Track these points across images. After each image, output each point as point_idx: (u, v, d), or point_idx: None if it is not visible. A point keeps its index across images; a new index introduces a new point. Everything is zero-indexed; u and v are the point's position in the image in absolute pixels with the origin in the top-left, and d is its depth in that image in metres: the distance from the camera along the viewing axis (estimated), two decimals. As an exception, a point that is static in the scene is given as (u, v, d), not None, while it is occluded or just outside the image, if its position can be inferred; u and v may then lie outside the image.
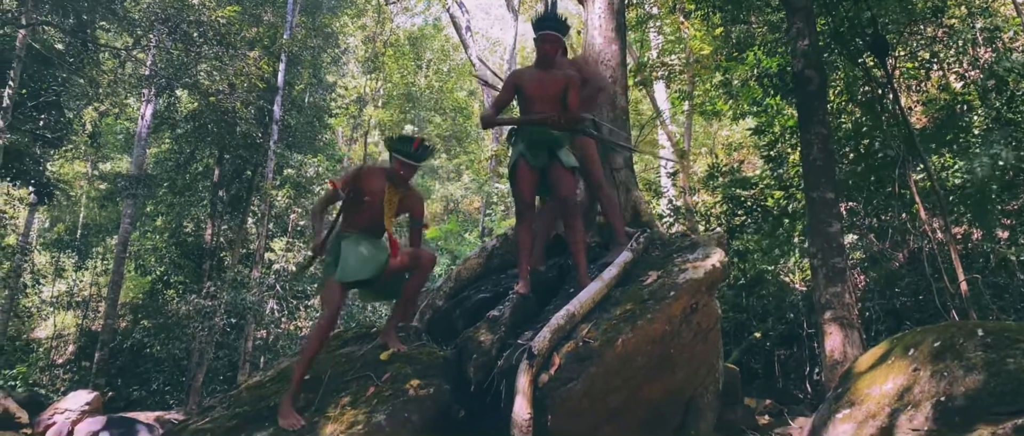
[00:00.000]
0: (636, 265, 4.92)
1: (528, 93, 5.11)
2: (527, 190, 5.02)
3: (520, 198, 5.06)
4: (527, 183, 5.01)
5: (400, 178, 4.63)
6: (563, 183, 4.90)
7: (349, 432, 3.69)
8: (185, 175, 18.27)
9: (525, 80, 5.15)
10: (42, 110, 16.64)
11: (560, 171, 4.89)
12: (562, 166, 4.89)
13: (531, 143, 5.00)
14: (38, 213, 24.20)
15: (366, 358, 4.44)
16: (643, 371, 4.15)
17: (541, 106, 5.05)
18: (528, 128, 5.06)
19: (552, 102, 5.03)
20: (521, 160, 5.01)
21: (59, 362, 20.95)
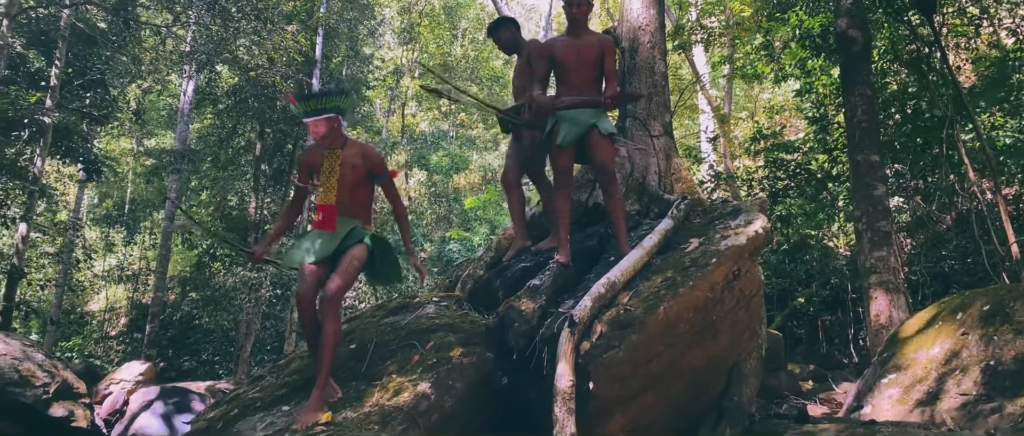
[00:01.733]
0: (677, 233, 4.90)
1: (562, 60, 5.09)
2: (564, 158, 5.00)
3: (557, 166, 5.05)
4: (564, 151, 4.99)
5: (320, 139, 4.20)
6: (601, 150, 4.87)
7: (394, 399, 3.76)
8: (228, 150, 18.55)
9: (559, 48, 5.13)
10: (88, 88, 16.96)
11: (597, 138, 4.86)
12: (600, 133, 4.86)
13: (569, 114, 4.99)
14: (87, 189, 24.80)
15: (410, 327, 4.51)
16: (685, 338, 4.15)
17: (576, 74, 5.03)
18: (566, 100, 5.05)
19: (587, 68, 5.00)
20: (558, 128, 5.00)
21: (112, 334, 21.60)
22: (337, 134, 4.19)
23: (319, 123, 4.10)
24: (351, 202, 4.26)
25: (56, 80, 15.26)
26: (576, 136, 4.90)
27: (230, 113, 18.07)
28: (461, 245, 18.52)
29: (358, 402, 3.86)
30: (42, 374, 8.56)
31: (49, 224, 18.71)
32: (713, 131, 16.53)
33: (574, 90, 5.07)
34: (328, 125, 4.12)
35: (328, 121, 4.12)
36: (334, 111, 4.13)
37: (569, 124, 4.93)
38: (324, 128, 4.12)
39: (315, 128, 4.11)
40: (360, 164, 4.22)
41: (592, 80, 5.09)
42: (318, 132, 4.12)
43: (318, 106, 4.08)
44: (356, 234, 4.21)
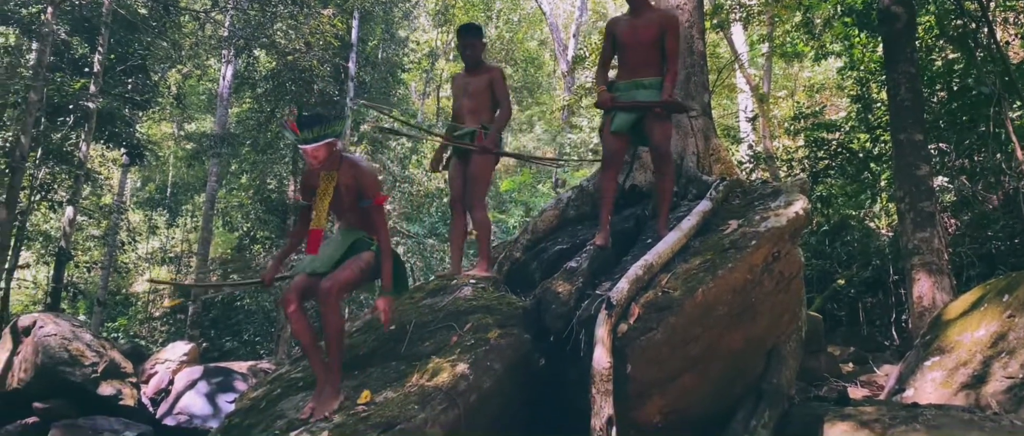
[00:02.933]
0: (715, 214, 4.86)
1: (621, 41, 5.05)
2: (615, 141, 4.98)
3: (608, 147, 5.03)
4: (617, 135, 4.97)
5: (317, 165, 4.02)
6: (656, 130, 4.83)
7: (434, 380, 3.80)
8: (266, 133, 18.76)
9: (620, 28, 5.09)
10: (129, 74, 17.26)
11: (652, 118, 4.83)
12: (656, 115, 4.82)
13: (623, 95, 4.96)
14: (130, 173, 25.28)
15: (448, 308, 4.54)
16: (724, 320, 4.13)
17: (633, 55, 4.99)
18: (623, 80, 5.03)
19: (645, 49, 4.96)
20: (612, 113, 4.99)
21: (156, 315, 22.07)
22: (334, 158, 4.05)
23: (319, 149, 3.96)
24: (354, 219, 4.19)
25: (99, 66, 15.54)
26: (629, 123, 4.89)
27: (268, 97, 18.26)
28: (497, 227, 18.57)
29: (398, 382, 3.90)
30: (91, 354, 8.80)
31: (94, 207, 19.15)
32: (752, 110, 16.32)
33: (632, 72, 5.02)
34: (327, 150, 3.97)
35: (327, 146, 3.97)
36: (332, 136, 3.99)
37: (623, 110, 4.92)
38: (324, 154, 3.97)
39: (315, 154, 3.97)
40: (353, 185, 4.09)
41: (651, 61, 4.98)
42: (318, 157, 3.97)
43: (318, 134, 3.93)
44: (362, 243, 4.14)
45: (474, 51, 5.49)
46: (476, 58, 5.51)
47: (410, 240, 16.85)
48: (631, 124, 4.89)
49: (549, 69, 28.94)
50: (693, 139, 5.86)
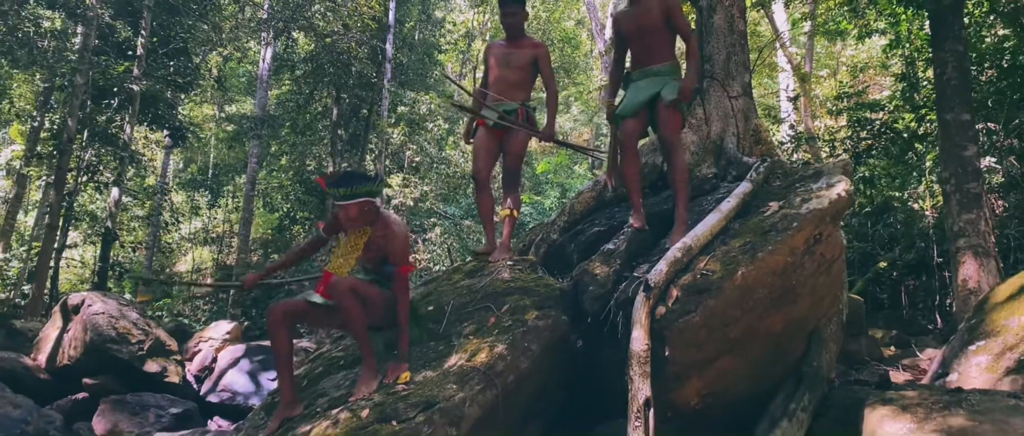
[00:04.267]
0: (756, 196, 4.81)
1: (626, 32, 5.03)
2: (626, 125, 4.95)
3: (621, 133, 5.01)
4: (625, 120, 4.95)
5: (350, 223, 4.05)
6: (664, 122, 4.78)
7: (472, 360, 3.83)
8: (305, 115, 18.95)
9: (623, 21, 5.06)
10: (171, 57, 17.52)
11: (661, 109, 4.78)
12: (664, 103, 4.76)
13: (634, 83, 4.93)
14: (173, 155, 25.72)
15: (486, 289, 4.57)
16: (764, 303, 4.09)
17: (637, 45, 4.97)
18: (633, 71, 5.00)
19: (649, 35, 4.92)
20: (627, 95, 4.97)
21: (199, 294, 22.50)
22: (368, 216, 4.05)
23: (350, 207, 3.99)
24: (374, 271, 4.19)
25: (142, 49, 15.80)
26: (636, 107, 4.84)
27: (307, 79, 18.44)
28: (533, 208, 18.57)
29: (436, 362, 3.95)
30: (137, 332, 9.01)
31: (139, 188, 19.54)
32: (793, 90, 16.05)
33: (640, 61, 4.98)
34: (359, 209, 3.99)
35: (359, 205, 3.99)
36: (366, 196, 3.99)
37: (632, 93, 4.87)
38: (355, 212, 3.99)
39: (346, 212, 4.00)
40: (383, 245, 4.07)
41: (659, 47, 4.92)
42: (348, 216, 4.00)
43: (349, 193, 3.96)
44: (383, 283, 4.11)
45: (516, 20, 5.27)
46: (518, 27, 5.30)
47: (447, 221, 16.93)
48: (636, 109, 4.85)
49: (586, 49, 28.73)
50: (733, 120, 5.79)
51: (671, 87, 4.80)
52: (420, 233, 17.00)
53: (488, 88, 5.35)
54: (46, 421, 6.96)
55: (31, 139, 18.38)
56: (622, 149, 4.97)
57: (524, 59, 5.25)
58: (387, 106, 17.54)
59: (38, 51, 14.86)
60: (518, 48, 5.30)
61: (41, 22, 14.92)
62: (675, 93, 4.77)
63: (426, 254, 17.13)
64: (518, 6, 5.29)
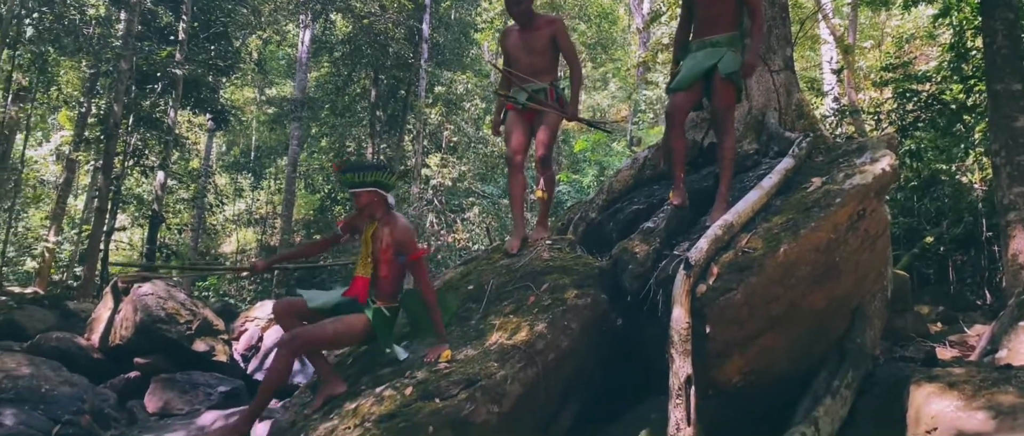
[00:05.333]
0: (798, 172, 4.74)
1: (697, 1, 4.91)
2: (678, 98, 4.88)
3: (671, 105, 4.94)
4: (679, 92, 4.88)
5: (360, 209, 4.21)
6: (718, 94, 4.69)
7: (513, 338, 3.87)
8: (344, 97, 19.10)
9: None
10: (212, 41, 17.76)
11: (717, 80, 4.69)
12: (721, 75, 4.68)
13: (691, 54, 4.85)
14: (216, 138, 26.13)
15: (525, 269, 4.59)
16: (806, 280, 4.05)
17: (704, 11, 4.84)
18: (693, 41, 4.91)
19: (716, 4, 4.80)
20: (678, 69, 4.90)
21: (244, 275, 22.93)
22: (376, 207, 4.18)
23: (360, 195, 4.14)
24: (384, 272, 4.25)
25: (183, 34, 16.04)
26: (692, 79, 4.75)
27: (345, 61, 18.56)
28: (571, 187, 18.53)
29: (478, 340, 3.99)
30: (185, 312, 9.22)
31: (183, 172, 19.91)
32: (837, 62, 15.73)
33: (702, 31, 4.86)
34: (368, 197, 4.13)
35: (369, 193, 4.13)
36: (374, 185, 4.13)
37: (689, 64, 4.78)
38: (364, 200, 4.14)
39: (357, 200, 4.16)
40: (389, 243, 4.17)
41: (722, 18, 4.78)
42: (359, 203, 4.16)
43: (358, 179, 4.11)
44: (356, 306, 4.20)
45: (523, 7, 5.12)
46: (527, 12, 5.14)
47: (485, 200, 16.99)
48: (692, 82, 4.76)
49: (624, 24, 28.43)
50: (775, 95, 5.70)
51: (729, 59, 4.67)
52: (458, 213, 17.08)
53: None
54: (101, 399, 7.18)
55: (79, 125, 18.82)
56: (669, 122, 4.90)
57: (543, 41, 5.13)
58: (424, 86, 17.60)
59: (83, 38, 15.17)
60: (534, 30, 5.16)
61: (86, 9, 15.22)
62: (734, 67, 4.66)
63: (465, 234, 17.22)
64: None
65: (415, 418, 3.43)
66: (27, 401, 6.47)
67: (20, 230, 23.07)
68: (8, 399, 6.38)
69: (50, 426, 6.12)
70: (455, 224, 17.33)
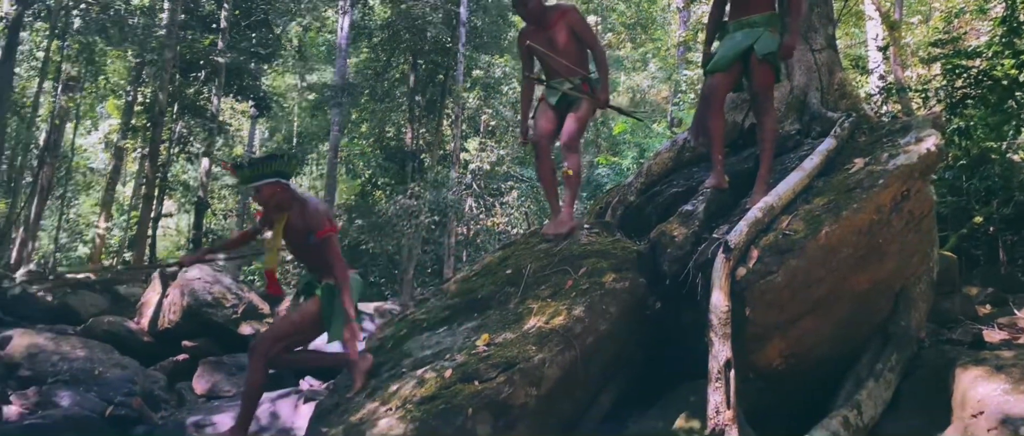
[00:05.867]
0: (840, 152, 4.66)
1: None
2: (715, 79, 4.83)
3: (708, 86, 4.89)
4: (716, 73, 4.83)
5: (265, 206, 4.11)
6: (757, 75, 4.63)
7: (551, 322, 3.89)
8: (383, 82, 19.22)
9: None
10: (253, 29, 17.99)
11: (755, 61, 4.63)
12: (758, 56, 4.62)
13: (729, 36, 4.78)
14: (259, 124, 26.50)
15: (563, 253, 4.60)
16: (848, 262, 4.00)
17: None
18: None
19: None
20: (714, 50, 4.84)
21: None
22: (280, 198, 4.09)
23: (261, 189, 4.04)
24: (308, 259, 4.25)
25: (225, 22, 16.26)
26: (729, 60, 4.70)
27: (384, 46, 18.67)
28: (610, 169, 18.43)
29: (516, 324, 4.02)
30: (231, 296, 9.43)
31: (227, 158, 20.26)
32: (882, 39, 15.36)
33: (738, 11, 4.80)
34: (270, 190, 4.04)
35: (269, 186, 4.04)
36: (275, 176, 4.04)
37: (726, 45, 4.73)
38: (266, 193, 4.04)
39: (258, 196, 4.07)
40: (301, 224, 4.09)
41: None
42: (261, 198, 4.07)
43: (252, 174, 4.04)
44: (310, 287, 4.22)
45: (531, 4, 4.93)
46: (536, 10, 4.93)
47: (523, 184, 17.00)
48: (729, 63, 4.70)
49: (664, 3, 28.08)
50: (817, 74, 5.60)
51: (766, 40, 4.61)
52: (497, 197, 17.12)
53: (549, 77, 5.12)
54: (151, 381, 7.38)
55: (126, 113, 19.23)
56: (707, 104, 4.85)
57: (563, 35, 4.93)
58: (462, 70, 17.62)
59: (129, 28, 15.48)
60: (550, 28, 4.96)
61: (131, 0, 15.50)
62: (772, 47, 4.59)
63: (503, 217, 17.26)
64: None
65: (454, 400, 3.48)
66: (82, 382, 6.71)
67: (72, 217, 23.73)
68: (64, 381, 6.61)
69: (103, 407, 6.32)
70: (494, 208, 17.38)
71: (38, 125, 19.08)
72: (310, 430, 4.02)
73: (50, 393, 6.28)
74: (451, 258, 16.52)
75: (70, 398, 6.09)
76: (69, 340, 7.63)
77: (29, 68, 18.88)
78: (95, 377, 6.95)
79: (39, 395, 6.30)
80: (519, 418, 3.56)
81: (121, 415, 6.06)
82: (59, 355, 7.20)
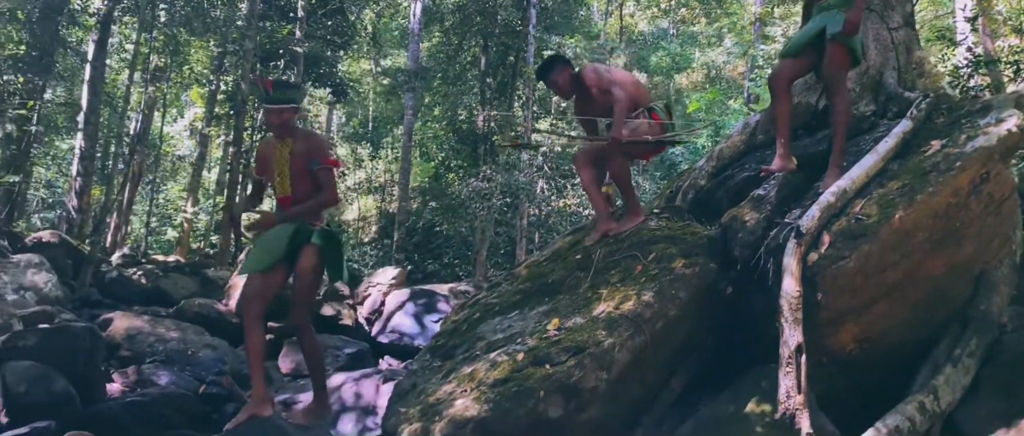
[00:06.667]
0: (917, 134, 4.56)
1: None
2: (786, 64, 4.79)
3: (777, 68, 4.85)
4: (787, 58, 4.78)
5: (272, 128, 4.36)
6: (828, 57, 4.56)
7: (620, 308, 3.96)
8: (455, 66, 19.41)
9: None
10: (329, 17, 18.39)
11: (828, 43, 4.56)
12: (828, 37, 4.55)
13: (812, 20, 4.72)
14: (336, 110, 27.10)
15: (632, 239, 4.65)
16: (924, 246, 3.94)
17: None
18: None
19: None
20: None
21: (366, 241, 23.86)
22: (292, 126, 4.37)
23: (284, 112, 4.28)
24: (304, 190, 4.35)
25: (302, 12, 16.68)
26: (801, 45, 4.66)
27: (455, 30, 18.85)
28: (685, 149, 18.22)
29: (585, 309, 4.10)
30: (313, 279, 9.76)
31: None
32: (971, 9, 14.72)
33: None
34: (290, 115, 4.31)
35: (290, 111, 4.31)
36: (295, 102, 4.29)
37: (802, 29, 4.67)
38: (287, 117, 4.30)
39: (278, 115, 4.28)
40: (304, 153, 4.31)
41: None
42: (279, 120, 4.29)
43: (286, 96, 4.28)
44: (303, 232, 4.30)
45: (562, 85, 5.13)
46: (565, 84, 5.13)
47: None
48: (801, 47, 4.65)
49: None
50: (893, 53, 5.46)
51: (836, 19, 4.55)
52: (568, 177, 17.16)
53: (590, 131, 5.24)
54: (240, 361, 7.76)
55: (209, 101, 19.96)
56: (771, 89, 4.83)
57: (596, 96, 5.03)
58: (533, 52, 17.66)
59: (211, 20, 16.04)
60: (585, 95, 5.11)
61: (213, -8, 16.05)
62: (839, 25, 4.51)
63: (575, 199, 17.29)
64: (552, 75, 5.13)
65: (526, 383, 3.60)
66: (176, 362, 7.11)
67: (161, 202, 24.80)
68: (161, 360, 7.02)
69: (197, 385, 6.70)
70: (565, 189, 17.42)
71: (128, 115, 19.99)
72: (389, 409, 4.20)
73: (148, 372, 6.69)
74: (523, 239, 16.68)
75: (166, 377, 6.47)
76: (164, 322, 8.07)
77: (119, 60, 19.78)
78: (189, 357, 7.36)
79: (138, 374, 6.72)
80: (590, 401, 3.65)
81: (213, 393, 6.41)
82: (155, 336, 7.64)
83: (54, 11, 14.21)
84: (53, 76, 15.65)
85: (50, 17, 14.11)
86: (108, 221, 17.49)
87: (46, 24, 14.03)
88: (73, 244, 12.14)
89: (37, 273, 8.69)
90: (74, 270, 11.04)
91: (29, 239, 12.13)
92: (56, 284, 8.89)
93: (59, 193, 19.66)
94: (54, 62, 14.99)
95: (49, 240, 11.80)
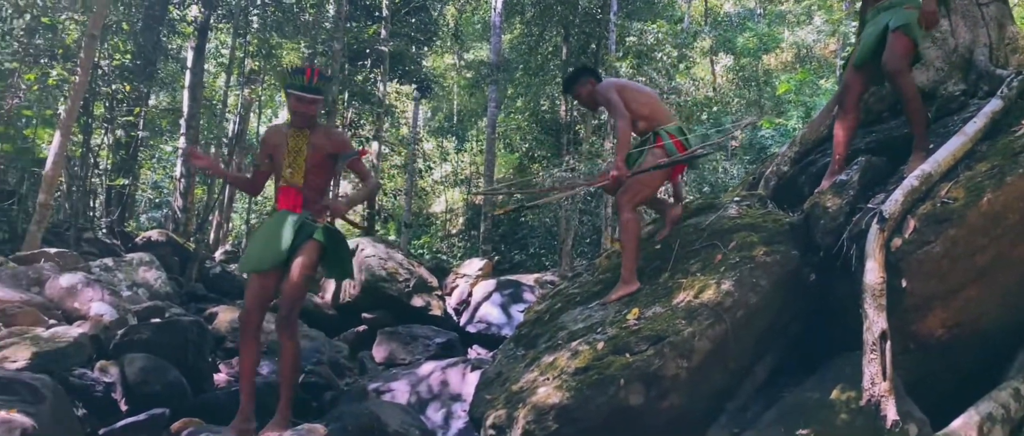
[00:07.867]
0: (1008, 113, 4.41)
1: None
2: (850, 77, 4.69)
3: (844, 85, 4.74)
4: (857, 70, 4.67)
5: (299, 117, 4.34)
6: (888, 50, 4.41)
7: (699, 297, 4.00)
8: (537, 57, 19.51)
9: None
10: (412, 14, 18.77)
11: (890, 35, 4.42)
12: (891, 29, 4.40)
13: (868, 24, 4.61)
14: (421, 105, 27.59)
15: (712, 227, 4.67)
16: (1015, 229, 3.81)
17: None
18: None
19: None
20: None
21: (453, 232, 24.29)
22: (316, 118, 4.49)
23: (317, 102, 4.40)
24: (309, 186, 4.40)
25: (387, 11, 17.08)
26: (866, 54, 4.55)
27: (536, 21, 18.94)
28: (775, 131, 17.83)
29: (665, 298, 4.16)
30: (403, 271, 10.09)
31: (395, 139, 21.33)
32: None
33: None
34: (317, 107, 4.44)
35: (319, 104, 4.45)
36: (324, 95, 4.43)
37: (864, 37, 4.55)
38: (313, 108, 4.41)
39: (311, 104, 4.36)
40: (325, 145, 4.38)
41: None
42: (311, 110, 4.38)
43: (319, 87, 4.38)
44: (306, 229, 4.32)
45: (582, 98, 5.21)
46: (590, 100, 5.17)
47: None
48: (866, 57, 4.52)
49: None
50: (983, 29, 5.26)
51: (899, 14, 4.43)
52: (654, 166, 17.02)
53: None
54: (335, 350, 8.11)
55: (302, 102, 20.56)
56: (838, 103, 4.73)
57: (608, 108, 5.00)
58: (614, 39, 17.59)
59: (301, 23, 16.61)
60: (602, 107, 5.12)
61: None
62: (907, 19, 4.38)
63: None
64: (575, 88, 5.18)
65: (607, 371, 3.69)
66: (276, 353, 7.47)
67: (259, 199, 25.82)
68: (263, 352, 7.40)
69: (297, 375, 7.02)
70: (649, 176, 17.26)
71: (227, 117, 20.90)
72: (476, 397, 4.37)
73: (251, 362, 7.05)
74: (609, 228, 16.66)
75: (268, 367, 6.81)
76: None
77: (216, 65, 20.70)
78: (288, 348, 7.71)
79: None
80: (671, 389, 3.72)
81: (312, 382, 6.72)
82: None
83: (156, 21, 15.01)
84: (156, 83, 16.51)
85: (152, 27, 14.90)
86: (211, 219, 18.34)
87: (149, 34, 14.82)
88: (179, 242, 12.81)
89: (148, 270, 9.23)
90: (181, 266, 11.66)
91: (139, 238, 12.87)
92: (165, 280, 9.42)
93: (165, 193, 20.72)
94: (157, 70, 15.81)
95: (157, 239, 12.49)
